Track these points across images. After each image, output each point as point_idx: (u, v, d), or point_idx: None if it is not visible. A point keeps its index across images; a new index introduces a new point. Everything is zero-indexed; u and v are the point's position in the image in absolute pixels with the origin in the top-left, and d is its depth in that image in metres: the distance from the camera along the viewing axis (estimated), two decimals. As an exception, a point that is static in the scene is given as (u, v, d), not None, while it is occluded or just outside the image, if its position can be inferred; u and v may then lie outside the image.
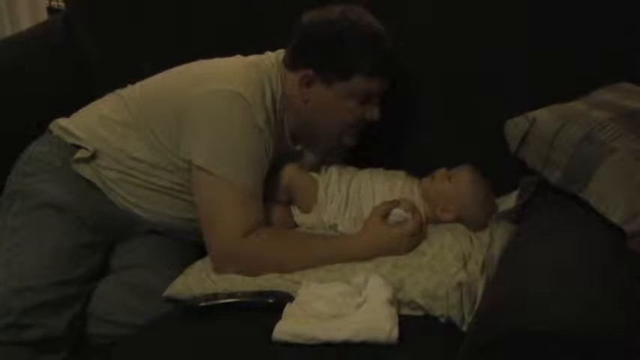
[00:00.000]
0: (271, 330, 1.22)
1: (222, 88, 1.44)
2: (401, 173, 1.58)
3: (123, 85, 1.65)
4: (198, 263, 1.47)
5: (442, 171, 1.54)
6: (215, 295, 1.33)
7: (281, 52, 1.57)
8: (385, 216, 1.44)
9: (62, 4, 2.77)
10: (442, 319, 1.28)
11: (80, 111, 1.65)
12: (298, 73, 1.51)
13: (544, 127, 1.38)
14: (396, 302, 1.27)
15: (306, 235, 1.50)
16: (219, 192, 1.42)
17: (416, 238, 1.42)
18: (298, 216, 1.55)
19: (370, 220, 1.44)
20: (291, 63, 1.52)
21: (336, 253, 1.41)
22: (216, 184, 1.42)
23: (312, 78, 1.50)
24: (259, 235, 1.41)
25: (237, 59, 1.58)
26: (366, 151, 1.62)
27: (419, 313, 1.30)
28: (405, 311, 1.30)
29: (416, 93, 1.65)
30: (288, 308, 1.26)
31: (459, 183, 1.51)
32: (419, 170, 1.58)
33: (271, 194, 1.52)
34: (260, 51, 1.60)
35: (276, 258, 1.41)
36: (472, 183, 1.50)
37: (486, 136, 1.53)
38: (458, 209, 1.49)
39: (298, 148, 1.60)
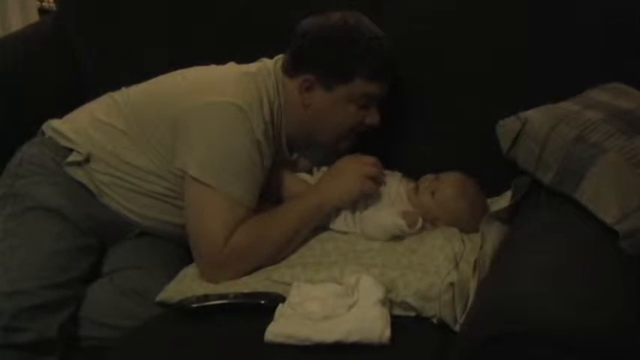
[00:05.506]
0: (263, 331, 1.22)
1: (221, 99, 1.43)
2: (396, 174, 1.57)
3: (115, 86, 1.64)
4: (190, 268, 1.46)
5: (427, 183, 1.52)
6: (206, 297, 1.33)
7: (279, 59, 1.56)
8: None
9: (53, 5, 2.77)
10: (434, 320, 1.28)
11: (73, 113, 1.64)
12: (298, 78, 1.50)
13: (536, 127, 1.38)
14: (387, 303, 1.27)
15: (274, 209, 1.48)
16: (212, 204, 1.40)
17: (372, 184, 1.48)
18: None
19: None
20: (291, 69, 1.51)
21: (306, 204, 1.46)
22: (210, 197, 1.40)
23: (313, 82, 1.49)
24: (236, 236, 1.39)
25: (233, 67, 1.57)
26: (364, 152, 1.61)
27: (411, 313, 1.30)
28: (397, 312, 1.29)
29: (413, 94, 1.65)
30: (280, 309, 1.26)
31: (442, 201, 1.49)
32: (416, 171, 1.58)
33: (265, 198, 1.51)
34: (258, 53, 1.59)
35: (259, 248, 1.41)
36: (455, 199, 1.49)
37: (483, 137, 1.52)
38: (444, 221, 1.47)
39: (294, 156, 1.60)
